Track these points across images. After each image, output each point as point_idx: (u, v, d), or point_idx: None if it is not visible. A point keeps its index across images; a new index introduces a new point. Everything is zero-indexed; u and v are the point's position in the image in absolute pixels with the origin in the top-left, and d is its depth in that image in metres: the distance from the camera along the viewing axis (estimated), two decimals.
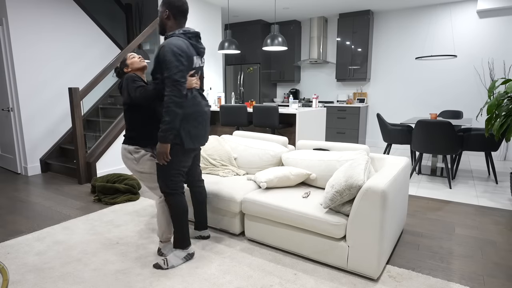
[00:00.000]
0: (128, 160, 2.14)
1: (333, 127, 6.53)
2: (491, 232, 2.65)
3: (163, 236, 2.20)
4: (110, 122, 4.91)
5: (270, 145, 2.89)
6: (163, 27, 2.09)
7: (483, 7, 5.19)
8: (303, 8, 6.15)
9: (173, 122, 1.91)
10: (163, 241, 2.22)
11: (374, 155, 2.57)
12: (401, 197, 2.31)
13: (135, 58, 2.19)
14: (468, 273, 2.06)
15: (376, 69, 6.50)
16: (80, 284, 1.93)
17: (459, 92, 5.76)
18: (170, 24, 2.06)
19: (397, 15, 6.15)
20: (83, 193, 3.70)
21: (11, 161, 4.66)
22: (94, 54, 5.18)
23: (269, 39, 4.57)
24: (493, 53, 5.39)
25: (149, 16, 6.65)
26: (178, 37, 1.99)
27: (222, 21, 7.16)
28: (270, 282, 1.95)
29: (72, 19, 4.83)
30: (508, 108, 2.96)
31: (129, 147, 2.13)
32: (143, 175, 2.15)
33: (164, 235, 2.20)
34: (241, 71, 7.23)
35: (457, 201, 3.35)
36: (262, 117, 4.17)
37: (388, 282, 1.95)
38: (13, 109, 4.41)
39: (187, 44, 1.99)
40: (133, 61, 2.18)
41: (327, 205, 2.04)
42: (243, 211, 2.42)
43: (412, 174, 4.32)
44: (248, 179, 2.70)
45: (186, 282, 1.94)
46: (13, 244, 2.45)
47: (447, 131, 3.65)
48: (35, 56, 4.44)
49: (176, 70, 1.88)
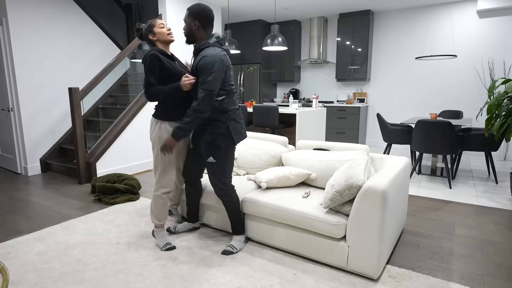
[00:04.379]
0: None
1: (333, 127, 6.53)
2: (491, 232, 2.65)
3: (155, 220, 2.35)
4: (110, 122, 4.91)
5: (270, 145, 2.89)
6: (193, 37, 2.11)
7: (483, 7, 5.19)
8: (303, 8, 6.15)
9: (191, 125, 2.02)
10: (157, 226, 2.37)
11: (374, 155, 2.57)
12: (401, 197, 2.31)
13: (163, 29, 2.13)
14: (468, 273, 2.06)
15: (376, 69, 6.50)
16: (80, 284, 1.93)
17: (459, 92, 5.76)
18: (200, 35, 2.10)
19: (397, 15, 6.15)
20: (83, 193, 3.70)
21: (11, 161, 4.66)
22: (94, 54, 5.18)
23: (269, 39, 4.57)
24: (493, 53, 5.39)
25: (149, 16, 6.65)
26: (215, 46, 2.04)
27: (222, 21, 7.16)
28: (270, 282, 1.95)
29: (72, 19, 4.83)
30: (508, 108, 2.96)
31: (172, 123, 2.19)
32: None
33: (156, 220, 2.34)
34: (241, 71, 7.23)
35: (457, 201, 3.35)
36: (262, 117, 4.17)
37: (388, 282, 1.95)
38: (13, 109, 4.41)
39: (224, 53, 2.05)
40: (161, 31, 2.12)
41: (327, 205, 2.04)
42: (243, 211, 2.42)
43: (412, 174, 4.32)
44: (248, 179, 2.70)
45: (186, 282, 1.94)
46: (13, 244, 2.45)
47: (447, 131, 3.64)
48: (35, 56, 4.44)
49: (217, 83, 1.99)
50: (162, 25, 2.15)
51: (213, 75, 1.95)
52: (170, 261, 2.18)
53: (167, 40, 2.15)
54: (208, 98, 1.97)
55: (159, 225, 2.36)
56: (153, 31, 2.13)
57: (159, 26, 2.13)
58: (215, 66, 1.96)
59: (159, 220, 2.33)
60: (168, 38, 2.15)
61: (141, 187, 3.67)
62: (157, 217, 2.32)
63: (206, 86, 1.96)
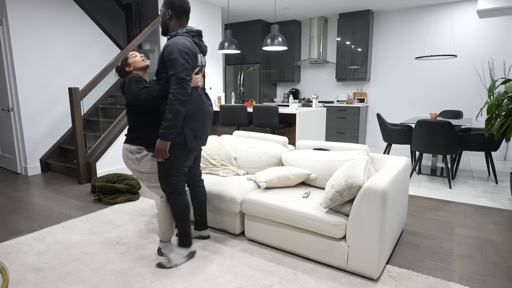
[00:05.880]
0: (129, 160, 2.13)
1: (333, 127, 6.53)
2: (491, 232, 2.65)
3: (164, 236, 2.20)
4: (110, 122, 4.91)
5: (270, 145, 2.89)
6: (166, 27, 2.09)
7: (483, 7, 5.19)
8: (303, 8, 6.15)
9: (175, 120, 1.91)
10: (163, 241, 2.21)
11: (374, 155, 2.57)
12: (401, 197, 2.31)
13: (137, 57, 2.17)
14: (468, 273, 2.06)
15: (376, 69, 6.50)
16: (80, 284, 1.93)
17: (459, 92, 5.76)
18: (173, 24, 2.07)
19: (397, 15, 6.15)
20: (83, 193, 3.70)
21: (11, 161, 4.66)
22: (94, 54, 5.18)
23: (269, 39, 4.57)
24: (493, 53, 5.39)
25: (149, 16, 6.65)
26: (182, 36, 1.99)
27: (222, 21, 7.16)
28: (270, 282, 1.95)
29: (72, 19, 4.82)
30: (508, 108, 2.96)
31: (131, 147, 2.12)
32: (143, 175, 2.15)
33: (165, 235, 2.19)
34: (241, 71, 7.23)
35: (457, 201, 3.35)
36: (262, 117, 4.17)
37: (388, 282, 1.95)
38: (13, 109, 4.41)
39: (191, 42, 1.99)
40: (135, 60, 2.16)
41: (327, 205, 2.04)
42: (243, 211, 2.42)
43: (412, 174, 4.32)
44: (248, 179, 2.70)
45: (186, 282, 1.94)
46: (13, 244, 2.45)
47: (447, 131, 3.64)
48: (35, 56, 4.44)
49: (182, 68, 1.88)
50: (135, 54, 2.19)
51: (178, 62, 1.87)
52: None
53: (142, 66, 2.18)
54: (181, 84, 1.87)
55: (168, 239, 2.23)
56: (128, 63, 2.18)
57: (132, 56, 2.18)
58: (177, 52, 1.88)
59: (171, 233, 2.22)
60: (143, 64, 2.18)
61: (141, 187, 3.67)
62: (169, 229, 2.20)
63: (175, 73, 1.88)
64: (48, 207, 3.26)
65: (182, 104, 1.89)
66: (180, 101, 1.88)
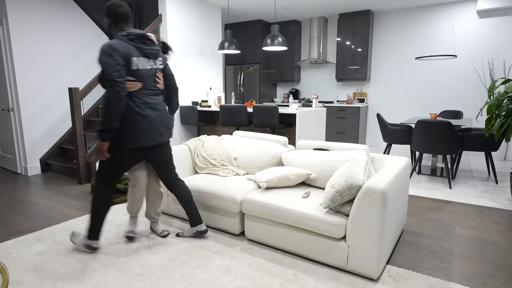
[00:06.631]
0: None
1: (333, 127, 6.53)
2: (491, 232, 2.65)
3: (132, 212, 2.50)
4: None
5: (270, 145, 2.89)
6: (110, 35, 2.14)
7: (483, 7, 5.19)
8: (303, 8, 6.15)
9: (111, 123, 1.96)
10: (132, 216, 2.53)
11: (374, 155, 2.57)
12: (401, 197, 2.31)
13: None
14: (468, 273, 2.06)
15: (376, 69, 6.50)
16: (80, 284, 1.93)
17: (459, 92, 5.76)
18: (114, 31, 2.12)
19: (397, 15, 6.15)
20: (83, 193, 3.70)
21: (11, 161, 4.66)
22: (94, 54, 5.18)
23: (269, 39, 4.57)
24: (493, 53, 5.39)
25: (149, 16, 6.66)
26: (117, 39, 2.01)
27: (222, 21, 7.17)
28: (270, 282, 1.95)
29: (72, 19, 4.83)
30: (508, 108, 2.96)
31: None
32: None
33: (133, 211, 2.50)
34: (241, 71, 7.23)
35: (457, 201, 3.35)
36: (262, 117, 4.17)
37: (388, 282, 1.95)
38: (13, 109, 4.41)
39: (125, 45, 1.99)
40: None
41: (327, 205, 2.04)
42: (243, 211, 2.42)
43: (412, 174, 4.32)
44: (248, 179, 2.70)
45: (186, 282, 1.94)
46: (13, 244, 2.45)
47: (447, 131, 3.65)
48: (35, 56, 4.44)
49: (112, 70, 1.90)
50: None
51: (104, 64, 1.90)
52: (170, 261, 2.18)
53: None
54: (112, 87, 1.89)
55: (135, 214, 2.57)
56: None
57: None
58: (102, 53, 1.92)
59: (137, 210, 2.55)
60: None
61: None
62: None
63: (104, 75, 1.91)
64: (48, 207, 3.26)
65: (116, 106, 1.93)
66: (113, 104, 1.92)
